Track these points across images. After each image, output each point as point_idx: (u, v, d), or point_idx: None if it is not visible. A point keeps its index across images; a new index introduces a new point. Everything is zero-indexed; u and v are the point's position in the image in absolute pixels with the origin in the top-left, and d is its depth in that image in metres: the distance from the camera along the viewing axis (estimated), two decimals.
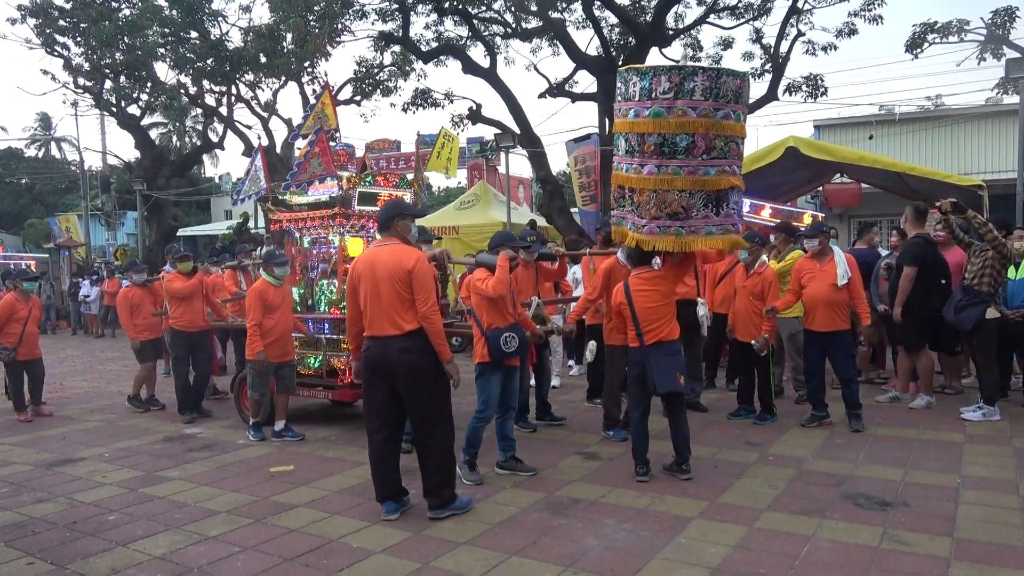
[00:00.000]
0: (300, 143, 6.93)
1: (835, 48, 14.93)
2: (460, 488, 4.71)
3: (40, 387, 8.25)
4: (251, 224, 22.68)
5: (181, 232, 26.90)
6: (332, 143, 6.83)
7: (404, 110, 17.18)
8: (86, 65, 19.42)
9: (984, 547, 3.81)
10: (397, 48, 17.20)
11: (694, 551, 3.88)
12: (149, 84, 19.84)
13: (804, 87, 15.05)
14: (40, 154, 48.00)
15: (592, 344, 6.66)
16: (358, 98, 19.91)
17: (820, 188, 14.73)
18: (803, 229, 8.17)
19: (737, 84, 4.64)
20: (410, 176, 7.37)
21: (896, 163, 11.21)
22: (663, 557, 3.81)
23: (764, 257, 6.80)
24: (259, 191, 7.33)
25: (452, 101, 17.19)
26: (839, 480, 4.97)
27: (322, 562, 3.87)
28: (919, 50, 14.76)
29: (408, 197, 7.00)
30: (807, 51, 15.02)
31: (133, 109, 21.68)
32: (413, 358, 4.27)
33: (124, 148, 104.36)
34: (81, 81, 20.30)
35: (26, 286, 8.19)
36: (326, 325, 6.91)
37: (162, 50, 18.79)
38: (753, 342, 6.46)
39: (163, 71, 19.90)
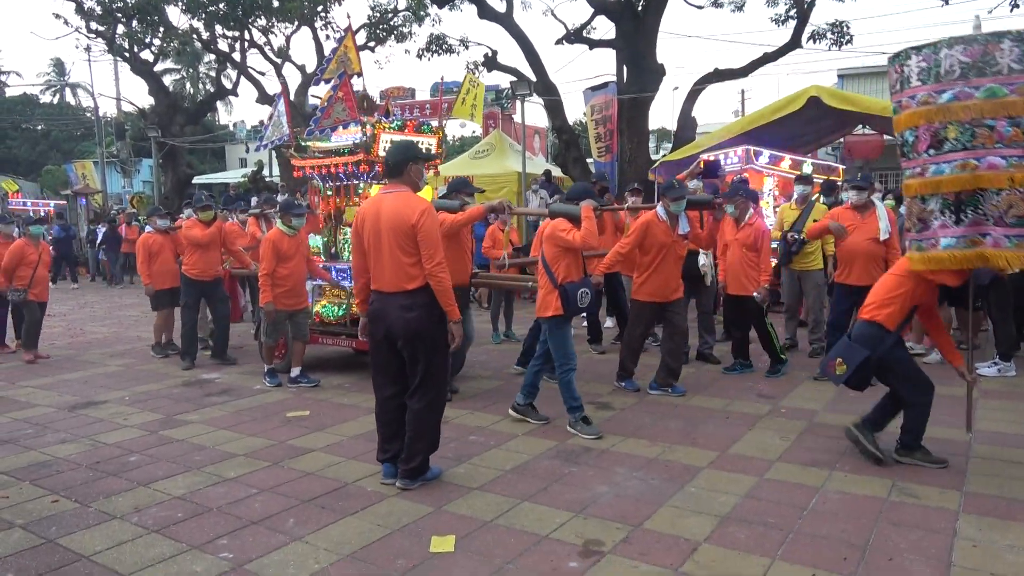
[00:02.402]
0: (318, 89, 6.88)
1: None
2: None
3: (37, 330, 8.49)
4: (265, 172, 22.65)
5: (196, 180, 26.96)
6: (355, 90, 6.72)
7: (419, 56, 16.95)
8: (98, 9, 19.23)
9: (993, 501, 3.83)
10: None
11: (703, 500, 3.92)
12: (161, 29, 19.64)
13: (829, 34, 14.64)
14: (55, 100, 47.94)
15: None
16: (372, 44, 19.64)
17: (842, 139, 14.44)
18: (839, 182, 8.08)
19: None
20: (434, 123, 7.22)
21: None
22: (672, 505, 3.86)
23: (751, 209, 6.63)
24: (282, 137, 7.20)
25: (467, 47, 16.94)
26: None
27: (338, 504, 3.96)
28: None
29: (432, 144, 6.88)
30: None
31: (146, 55, 21.54)
32: (413, 318, 3.99)
33: (138, 95, 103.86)
34: (93, 25, 20.14)
35: (32, 230, 8.47)
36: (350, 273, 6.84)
37: None
38: (755, 294, 6.40)
39: (175, 15, 19.68)
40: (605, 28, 17.67)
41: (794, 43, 14.44)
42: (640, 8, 14.79)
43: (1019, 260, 3.82)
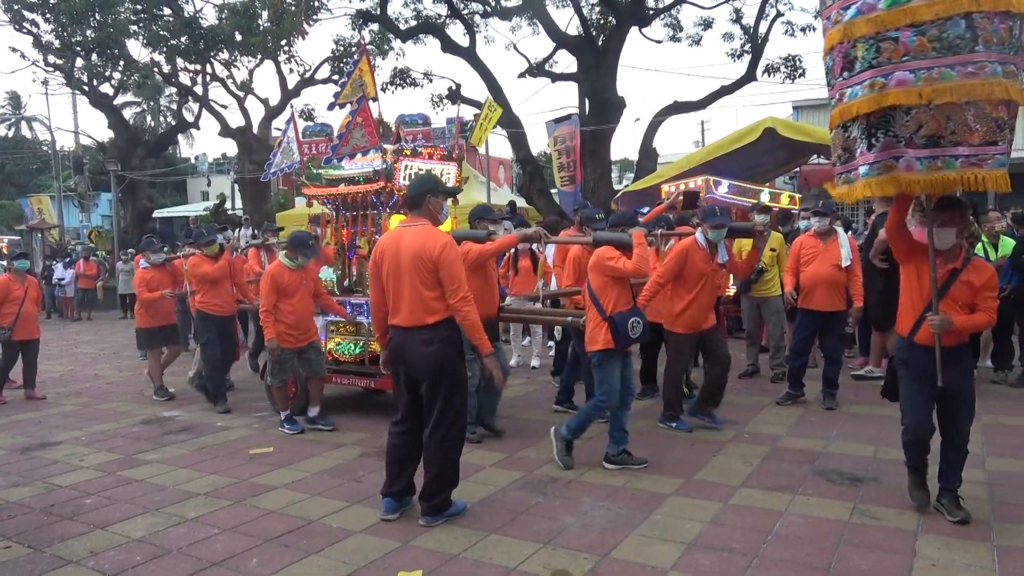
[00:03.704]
0: (333, 114, 6.64)
1: (813, 29, 15.02)
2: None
3: (34, 371, 8.13)
4: (228, 205, 22.44)
5: (157, 213, 26.57)
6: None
7: (383, 89, 17.02)
8: (56, 42, 19.03)
9: (951, 521, 3.91)
10: (375, 26, 17.03)
11: (670, 527, 3.94)
12: (121, 62, 19.51)
13: (783, 68, 15.12)
14: (10, 133, 47.02)
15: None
16: (336, 77, 19.68)
17: (798, 168, 14.84)
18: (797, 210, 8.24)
19: None
20: (455, 152, 6.75)
21: None
22: (639, 533, 3.87)
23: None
24: (292, 164, 6.82)
25: (431, 80, 17.09)
26: (812, 457, 5.06)
27: (301, 543, 3.89)
28: None
29: (453, 172, 6.58)
30: (786, 32, 15.11)
31: (106, 88, 21.32)
32: (434, 352, 3.94)
33: (97, 128, 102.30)
34: (51, 59, 19.90)
35: (17, 265, 8.08)
36: (367, 308, 6.26)
37: (134, 27, 18.47)
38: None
39: (136, 49, 19.62)
40: (567, 62, 18.02)
41: (750, 76, 14.89)
42: (600, 43, 15.14)
43: (931, 186, 3.47)
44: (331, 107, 6.84)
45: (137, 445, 5.97)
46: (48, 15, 18.23)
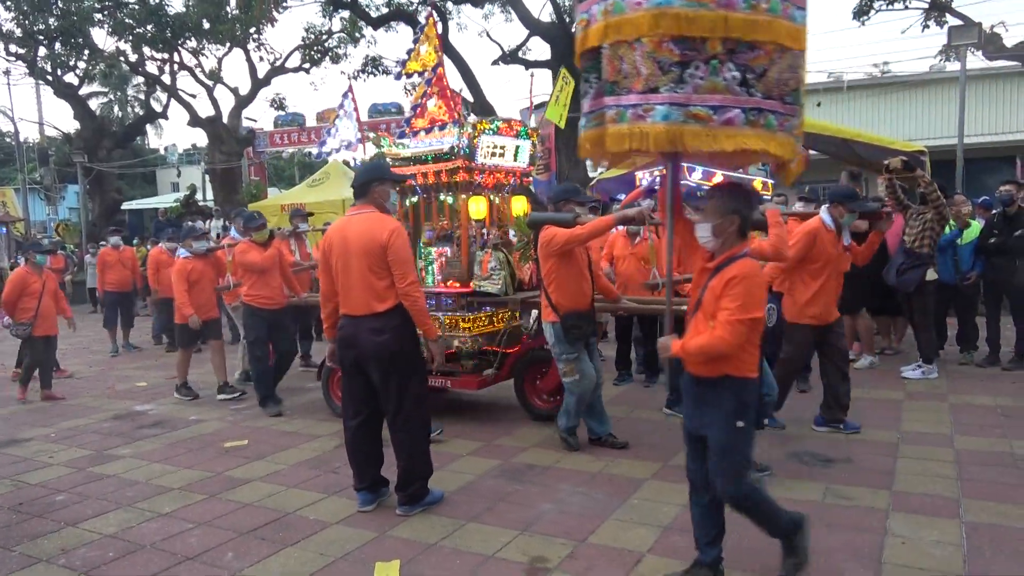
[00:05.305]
0: (398, 83, 6.25)
1: None
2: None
3: (51, 369, 7.84)
4: (199, 196, 22.12)
5: (126, 205, 26.09)
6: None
7: (354, 78, 16.90)
8: (18, 31, 18.52)
9: (920, 499, 3.99)
10: (346, 13, 16.83)
11: (647, 511, 3.97)
12: (86, 51, 19.07)
13: None
14: None
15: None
16: (307, 66, 19.46)
17: None
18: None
19: None
20: (532, 124, 6.38)
21: (843, 130, 11.40)
22: (616, 518, 3.90)
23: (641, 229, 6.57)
24: (349, 143, 6.35)
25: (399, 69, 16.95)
26: (786, 439, 5.12)
27: (278, 535, 3.87)
28: (866, 17, 15.00)
29: (528, 148, 6.09)
30: None
31: (70, 78, 20.85)
32: (385, 340, 3.90)
33: (62, 119, 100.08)
34: (13, 48, 19.38)
35: (38, 259, 7.69)
36: (441, 301, 5.85)
37: (99, 15, 18.04)
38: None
39: (101, 37, 19.19)
40: (540, 49, 17.95)
41: None
42: (574, 29, 15.09)
43: (630, 138, 2.81)
44: (398, 76, 6.33)
45: (108, 441, 5.88)
46: (8, 3, 17.75)
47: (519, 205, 6.17)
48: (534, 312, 5.94)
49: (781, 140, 2.83)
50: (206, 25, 17.30)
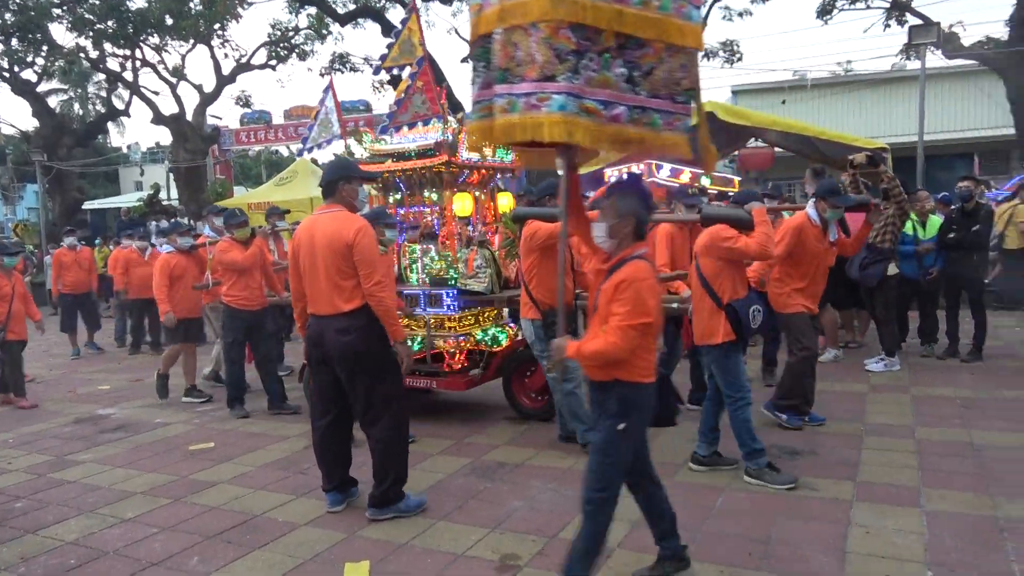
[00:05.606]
0: (378, 78, 6.13)
1: (750, 14, 15.32)
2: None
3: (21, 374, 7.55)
4: (163, 195, 21.73)
5: (87, 205, 25.52)
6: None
7: (322, 75, 16.73)
8: None
9: (883, 488, 4.06)
10: (313, 10, 16.65)
11: (617, 507, 3.98)
12: (45, 47, 18.61)
13: (721, 52, 15.39)
14: None
15: None
16: (273, 63, 19.22)
17: (736, 152, 15.14)
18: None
19: None
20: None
21: (807, 127, 11.59)
22: None
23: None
24: (331, 138, 6.22)
25: (372, 66, 16.82)
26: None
27: (245, 538, 3.81)
28: (829, 16, 15.26)
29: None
30: (724, 17, 15.35)
31: (28, 74, 20.34)
32: (352, 340, 3.84)
33: (20, 117, 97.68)
34: None
35: (7, 261, 7.38)
36: (424, 297, 5.71)
37: (58, 10, 17.62)
38: None
39: (60, 33, 18.74)
40: None
41: None
42: (467, 16, 15.11)
43: (522, 129, 2.69)
44: (377, 71, 6.35)
45: (69, 445, 5.75)
46: None
47: (505, 202, 6.20)
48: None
49: (668, 139, 2.82)
50: (169, 21, 17.01)
